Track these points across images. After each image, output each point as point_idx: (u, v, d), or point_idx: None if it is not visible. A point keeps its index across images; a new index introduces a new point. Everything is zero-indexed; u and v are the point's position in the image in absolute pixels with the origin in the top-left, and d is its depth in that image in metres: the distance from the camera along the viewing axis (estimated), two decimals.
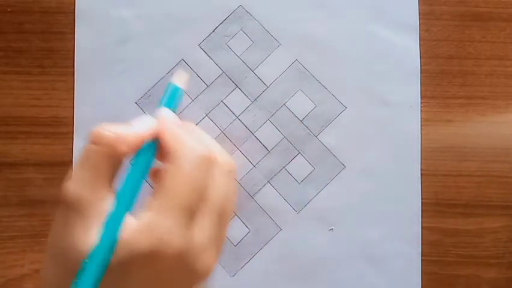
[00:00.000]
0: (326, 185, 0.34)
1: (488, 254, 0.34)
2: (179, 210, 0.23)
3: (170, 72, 0.35)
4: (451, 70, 0.35)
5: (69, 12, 0.35)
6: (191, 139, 0.25)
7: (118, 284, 0.22)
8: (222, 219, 0.25)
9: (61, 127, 0.35)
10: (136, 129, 0.25)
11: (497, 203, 0.34)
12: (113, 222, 0.22)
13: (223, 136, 0.34)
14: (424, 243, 0.34)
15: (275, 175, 0.34)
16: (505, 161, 0.34)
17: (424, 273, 0.34)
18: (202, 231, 0.24)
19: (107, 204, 0.23)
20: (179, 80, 0.28)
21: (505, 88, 0.35)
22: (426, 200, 0.34)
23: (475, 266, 0.34)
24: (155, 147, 0.25)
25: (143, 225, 0.22)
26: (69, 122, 0.35)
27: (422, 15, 0.35)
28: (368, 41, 0.35)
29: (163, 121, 0.26)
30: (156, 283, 0.23)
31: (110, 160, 0.24)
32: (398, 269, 0.34)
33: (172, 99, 0.27)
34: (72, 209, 0.23)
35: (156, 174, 0.27)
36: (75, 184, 0.23)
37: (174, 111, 0.27)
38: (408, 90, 0.35)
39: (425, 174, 0.34)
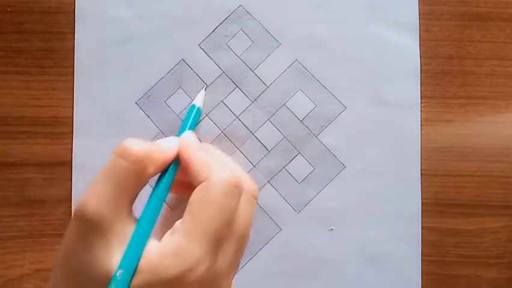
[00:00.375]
0: (326, 185, 0.34)
1: (488, 254, 0.34)
2: (208, 238, 0.22)
3: (171, 72, 0.35)
4: (451, 70, 0.35)
5: (69, 12, 0.35)
6: (219, 165, 0.24)
7: None
8: (242, 245, 0.25)
9: (61, 127, 0.35)
10: (163, 149, 0.24)
11: (497, 203, 0.34)
12: (137, 245, 0.22)
13: (223, 136, 0.34)
14: (424, 243, 0.34)
15: (275, 175, 0.34)
16: (505, 161, 0.34)
17: (424, 273, 0.34)
18: (226, 258, 0.23)
19: (128, 225, 0.22)
20: (200, 101, 0.28)
21: (505, 88, 0.35)
22: (426, 200, 0.34)
23: (475, 266, 0.34)
24: (177, 169, 0.25)
25: (171, 250, 0.22)
26: (69, 122, 0.35)
27: (422, 15, 0.35)
28: (368, 41, 0.35)
29: (188, 144, 0.25)
30: None
31: (137, 179, 0.23)
32: (398, 269, 0.34)
33: (195, 122, 0.27)
34: (92, 227, 0.21)
35: (179, 187, 0.26)
36: (97, 200, 0.22)
37: (194, 130, 0.27)
38: (408, 90, 0.35)
39: (425, 174, 0.34)
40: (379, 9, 0.35)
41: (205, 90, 0.29)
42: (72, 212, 0.22)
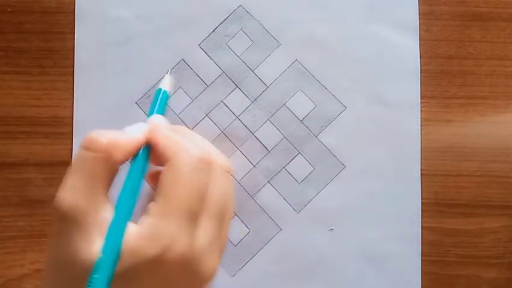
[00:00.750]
0: (326, 185, 0.34)
1: (488, 254, 0.34)
2: (181, 214, 0.22)
3: (170, 72, 0.35)
4: (451, 70, 0.35)
5: (69, 12, 0.35)
6: (186, 142, 0.24)
7: None
8: (223, 220, 0.25)
9: (61, 127, 0.35)
10: (129, 135, 0.25)
11: (497, 203, 0.34)
12: (116, 231, 0.22)
13: (223, 136, 0.34)
14: (424, 243, 0.34)
15: (275, 175, 0.34)
16: (505, 161, 0.34)
17: (424, 273, 0.34)
18: (204, 234, 0.23)
19: (105, 212, 0.22)
20: (166, 84, 0.28)
21: (505, 88, 0.35)
22: (426, 200, 0.34)
23: (475, 266, 0.34)
24: (149, 153, 0.25)
25: (147, 232, 0.22)
26: (69, 122, 0.35)
27: (422, 15, 0.35)
28: (368, 41, 0.35)
29: (155, 126, 0.25)
30: (168, 286, 0.23)
31: (106, 167, 0.23)
32: (398, 269, 0.34)
33: (162, 105, 0.27)
34: (69, 219, 0.22)
35: (153, 178, 0.26)
36: (70, 193, 0.22)
37: (163, 115, 0.27)
38: (408, 90, 0.35)
39: (425, 174, 0.34)
40: (379, 9, 0.35)
41: (169, 74, 0.29)
42: None
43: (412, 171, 0.34)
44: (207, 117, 0.35)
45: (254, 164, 0.34)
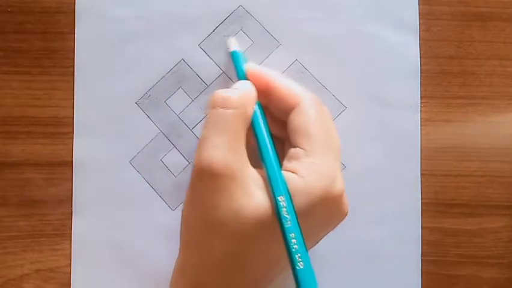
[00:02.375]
0: None
1: (489, 254, 0.34)
2: (330, 150, 0.24)
3: (171, 72, 0.35)
4: (451, 70, 0.35)
5: (69, 12, 0.35)
6: (300, 88, 0.26)
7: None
8: (340, 157, 0.27)
9: (61, 127, 0.35)
10: (247, 89, 0.26)
11: (497, 203, 0.34)
12: (280, 178, 0.23)
13: None
14: (424, 243, 0.34)
15: None
16: (505, 161, 0.34)
17: (424, 273, 0.34)
18: (341, 174, 0.25)
19: (251, 170, 0.23)
20: (234, 45, 0.30)
21: (505, 88, 0.35)
22: (426, 200, 0.34)
23: (475, 266, 0.34)
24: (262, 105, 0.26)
25: (310, 172, 0.23)
26: (69, 122, 0.35)
27: (422, 15, 0.35)
28: (368, 41, 0.35)
29: (267, 72, 0.27)
30: (327, 223, 0.25)
31: (245, 122, 0.24)
32: (398, 269, 0.34)
33: (243, 59, 0.29)
34: (224, 177, 0.22)
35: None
36: (219, 151, 0.22)
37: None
38: (408, 90, 0.35)
39: (425, 174, 0.34)
40: (379, 9, 0.35)
41: (232, 37, 0.30)
42: (195, 167, 0.23)
43: (412, 171, 0.34)
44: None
45: None
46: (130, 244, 0.34)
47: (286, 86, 0.26)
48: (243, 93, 0.24)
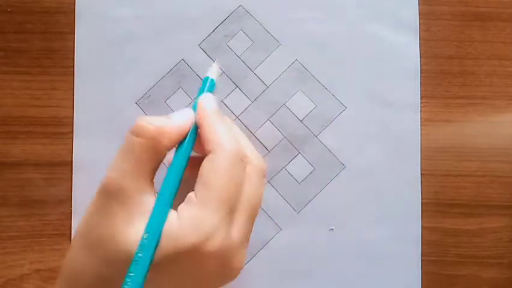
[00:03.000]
0: (326, 185, 0.34)
1: (489, 254, 0.34)
2: (221, 205, 0.23)
3: (171, 72, 0.35)
4: (451, 70, 0.35)
5: (69, 12, 0.35)
6: (229, 136, 0.25)
7: (160, 277, 0.22)
8: (253, 217, 0.25)
9: (61, 127, 0.35)
10: (176, 122, 0.25)
11: (497, 203, 0.34)
12: (158, 216, 0.23)
13: None
14: (424, 243, 0.34)
15: (275, 175, 0.34)
16: (505, 161, 0.34)
17: (424, 273, 0.34)
18: (239, 229, 0.24)
19: (149, 197, 0.23)
20: (213, 73, 0.28)
21: (505, 88, 0.35)
22: (426, 200, 0.34)
23: (475, 266, 0.34)
24: (195, 138, 0.26)
25: (188, 220, 0.22)
26: (69, 122, 0.35)
27: (422, 15, 0.35)
28: (368, 41, 0.35)
29: (203, 110, 0.26)
30: (195, 279, 0.23)
31: (153, 153, 0.24)
32: (398, 269, 0.34)
33: (210, 89, 0.28)
34: (114, 199, 0.22)
35: (193, 165, 0.27)
36: (118, 174, 0.23)
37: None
38: (408, 90, 0.35)
39: (425, 174, 0.34)
40: (379, 9, 0.35)
41: (215, 62, 0.29)
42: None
43: (412, 171, 0.34)
44: None
45: None
46: None
47: (211, 130, 0.25)
48: (160, 126, 0.24)
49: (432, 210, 0.34)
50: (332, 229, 0.34)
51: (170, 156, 0.25)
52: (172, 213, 0.23)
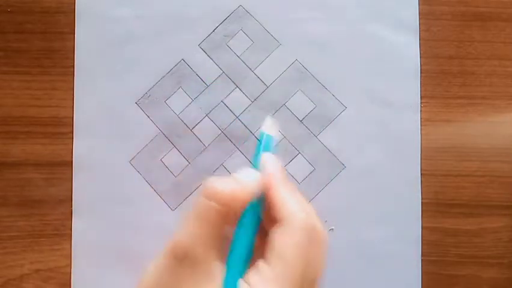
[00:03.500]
0: (326, 185, 0.34)
1: (488, 254, 0.34)
2: (294, 282, 0.22)
3: (171, 72, 0.35)
4: (451, 70, 0.35)
5: (69, 12, 0.35)
6: (301, 206, 0.24)
7: None
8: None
9: (61, 127, 0.35)
10: (245, 185, 0.24)
11: (497, 203, 0.34)
12: (230, 285, 0.22)
13: (223, 136, 0.34)
14: (424, 243, 0.34)
15: None
16: (505, 161, 0.34)
17: (424, 273, 0.34)
18: None
19: (218, 264, 0.23)
20: (269, 127, 0.27)
21: (505, 88, 0.35)
22: (426, 200, 0.34)
23: (475, 266, 0.34)
24: (261, 205, 0.25)
25: None
26: (69, 122, 0.35)
27: (422, 15, 0.35)
28: (367, 41, 0.35)
29: (270, 175, 0.25)
30: None
31: (225, 220, 0.23)
32: (398, 269, 0.34)
33: (268, 146, 0.26)
34: (185, 264, 0.22)
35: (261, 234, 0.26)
36: (190, 240, 0.23)
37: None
38: (408, 90, 0.35)
39: (425, 174, 0.34)
40: (379, 9, 0.35)
41: (271, 117, 0.28)
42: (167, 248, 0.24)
43: (412, 171, 0.34)
44: (207, 117, 0.35)
45: None
46: (129, 244, 0.34)
47: (281, 198, 0.24)
48: (235, 192, 0.23)
49: (432, 210, 0.34)
50: (332, 229, 0.34)
51: None
52: (242, 284, 0.22)
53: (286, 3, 0.35)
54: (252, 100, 0.35)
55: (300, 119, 0.35)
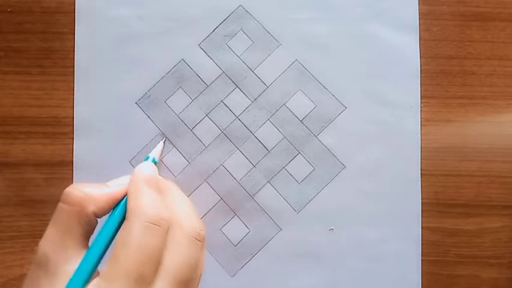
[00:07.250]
0: (326, 185, 0.34)
1: (488, 254, 0.34)
2: (127, 278, 0.22)
3: (171, 72, 0.35)
4: (451, 70, 0.35)
5: (69, 12, 0.35)
6: (148, 201, 0.24)
7: None
8: (183, 284, 0.24)
9: (61, 127, 0.35)
10: (107, 189, 0.25)
11: (497, 203, 0.34)
12: (74, 285, 0.22)
13: (223, 136, 0.34)
14: (424, 243, 0.34)
15: (275, 175, 0.34)
16: (505, 161, 0.34)
17: (424, 273, 0.34)
18: None
19: (75, 264, 0.23)
20: (156, 152, 0.30)
21: (505, 88, 0.35)
22: (426, 200, 0.34)
23: (475, 266, 0.34)
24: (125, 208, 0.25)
25: None
26: (69, 122, 0.35)
27: (422, 15, 0.35)
28: (368, 41, 0.35)
29: (133, 178, 0.26)
30: None
31: (80, 220, 0.23)
32: (398, 269, 0.34)
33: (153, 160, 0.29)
34: (40, 268, 0.23)
35: None
36: (45, 243, 0.23)
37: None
38: (408, 90, 0.35)
39: (425, 174, 0.34)
40: (379, 9, 0.35)
41: (163, 142, 0.32)
42: None
43: (412, 171, 0.34)
44: (207, 117, 0.35)
45: (254, 164, 0.34)
46: None
47: (131, 197, 0.24)
48: (85, 192, 0.24)
49: (432, 210, 0.34)
50: (332, 229, 0.34)
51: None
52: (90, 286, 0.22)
53: (286, 3, 0.35)
54: (252, 100, 0.35)
55: (300, 119, 0.35)
